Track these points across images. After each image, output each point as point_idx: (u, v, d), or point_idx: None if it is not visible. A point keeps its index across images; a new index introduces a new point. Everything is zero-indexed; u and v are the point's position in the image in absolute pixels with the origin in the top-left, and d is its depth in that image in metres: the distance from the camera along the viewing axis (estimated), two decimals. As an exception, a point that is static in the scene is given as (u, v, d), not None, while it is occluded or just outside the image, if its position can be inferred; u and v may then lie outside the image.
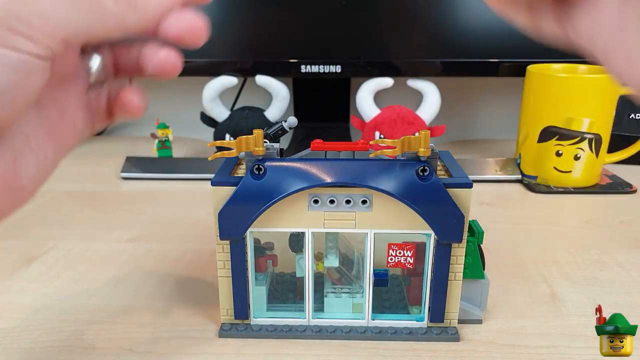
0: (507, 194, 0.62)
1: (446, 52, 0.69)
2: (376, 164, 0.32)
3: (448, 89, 0.74)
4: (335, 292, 0.37)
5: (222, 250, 0.34)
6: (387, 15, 0.67)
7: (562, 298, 0.40)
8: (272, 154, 0.33)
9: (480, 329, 0.36)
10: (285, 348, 0.34)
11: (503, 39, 0.67)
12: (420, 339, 0.35)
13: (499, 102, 0.87)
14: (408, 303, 0.37)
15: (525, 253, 0.47)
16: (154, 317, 0.38)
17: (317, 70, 0.69)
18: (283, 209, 0.33)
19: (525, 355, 0.34)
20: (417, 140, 0.31)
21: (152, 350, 0.34)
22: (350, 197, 0.33)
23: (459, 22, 0.67)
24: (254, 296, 0.36)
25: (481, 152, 0.77)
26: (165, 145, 0.71)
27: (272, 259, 0.38)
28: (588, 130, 0.59)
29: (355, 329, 0.35)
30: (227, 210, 0.32)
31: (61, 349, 0.34)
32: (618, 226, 0.53)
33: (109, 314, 0.38)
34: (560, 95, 0.59)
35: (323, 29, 0.68)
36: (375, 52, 0.69)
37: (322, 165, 0.32)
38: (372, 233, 0.33)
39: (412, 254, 0.34)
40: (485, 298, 0.37)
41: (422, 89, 0.69)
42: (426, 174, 0.32)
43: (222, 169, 0.34)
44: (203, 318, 0.38)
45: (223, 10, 0.68)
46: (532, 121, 0.62)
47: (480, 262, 0.36)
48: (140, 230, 0.45)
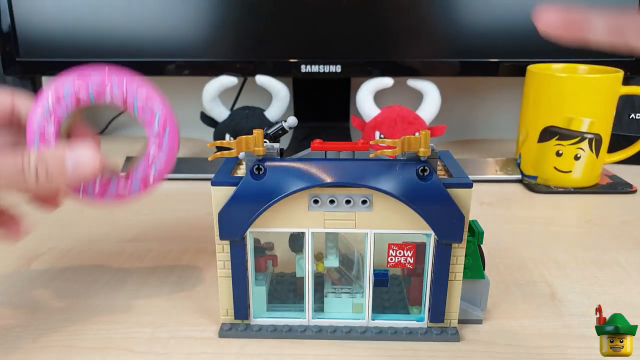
0: (507, 194, 0.62)
1: (446, 52, 0.69)
2: (376, 164, 0.32)
3: (448, 89, 0.74)
4: (335, 292, 0.37)
5: (222, 250, 0.34)
6: (387, 15, 0.67)
7: (562, 298, 0.40)
8: (272, 154, 0.33)
9: (480, 329, 0.36)
10: (285, 348, 0.34)
11: (503, 39, 0.67)
12: (420, 339, 0.35)
13: (499, 102, 0.87)
14: (408, 303, 0.37)
15: (525, 253, 0.47)
16: (154, 317, 0.38)
17: (317, 70, 0.69)
18: (283, 209, 0.33)
19: (525, 355, 0.34)
20: (417, 140, 0.31)
21: (152, 350, 0.34)
22: (350, 197, 0.33)
23: (459, 22, 0.67)
24: (254, 296, 0.36)
25: (481, 152, 0.77)
26: (165, 145, 0.71)
27: (272, 259, 0.38)
28: (588, 130, 0.59)
29: (355, 329, 0.35)
30: (227, 210, 0.32)
31: (61, 349, 0.34)
32: (618, 226, 0.53)
33: (109, 313, 0.38)
34: (560, 95, 0.59)
35: (323, 28, 0.68)
36: (375, 52, 0.69)
37: (322, 165, 0.32)
38: (372, 233, 0.33)
39: (412, 254, 0.34)
40: (485, 298, 0.37)
41: (422, 88, 0.69)
42: (426, 174, 0.32)
43: (222, 169, 0.34)
44: (203, 318, 0.38)
45: (223, 10, 0.68)
46: (532, 121, 0.62)
47: (480, 262, 0.36)
48: (140, 230, 0.45)
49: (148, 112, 0.35)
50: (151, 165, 0.35)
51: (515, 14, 0.66)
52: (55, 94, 0.34)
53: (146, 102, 0.35)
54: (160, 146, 0.35)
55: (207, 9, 0.68)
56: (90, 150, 0.33)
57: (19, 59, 0.69)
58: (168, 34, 0.68)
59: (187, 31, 0.68)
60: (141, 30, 0.68)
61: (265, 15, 0.67)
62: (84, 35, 0.68)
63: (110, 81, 0.34)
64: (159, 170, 0.36)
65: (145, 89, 0.35)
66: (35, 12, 0.67)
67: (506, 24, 0.67)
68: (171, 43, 0.69)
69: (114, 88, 0.35)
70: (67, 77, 0.34)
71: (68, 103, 0.34)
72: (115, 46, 0.68)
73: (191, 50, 0.69)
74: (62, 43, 0.68)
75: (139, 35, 0.68)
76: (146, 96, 0.35)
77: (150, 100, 0.35)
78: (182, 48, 0.69)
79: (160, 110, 0.35)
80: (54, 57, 0.69)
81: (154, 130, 0.35)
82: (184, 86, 0.84)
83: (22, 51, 0.69)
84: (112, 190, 0.36)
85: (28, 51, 0.69)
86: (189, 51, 0.69)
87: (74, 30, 0.68)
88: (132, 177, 0.36)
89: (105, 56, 0.69)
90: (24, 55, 0.69)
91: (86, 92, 0.34)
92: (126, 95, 0.35)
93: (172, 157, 0.36)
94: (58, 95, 0.34)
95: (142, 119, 0.35)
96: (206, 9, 0.68)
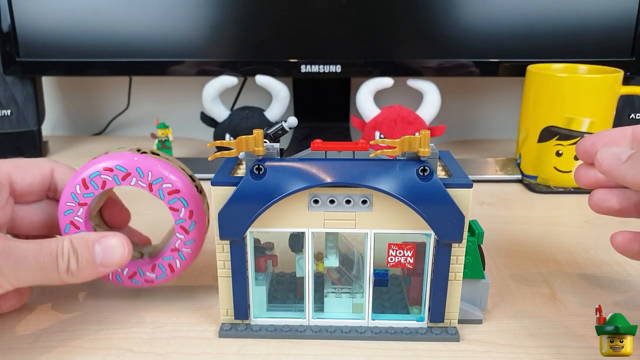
0: (507, 194, 0.62)
1: (446, 52, 0.69)
2: (376, 164, 0.32)
3: (448, 89, 0.75)
4: (335, 292, 0.37)
5: (222, 250, 0.34)
6: (387, 15, 0.67)
7: (562, 298, 0.40)
8: (272, 154, 0.33)
9: (480, 329, 0.36)
10: (285, 348, 0.34)
11: (503, 39, 0.67)
12: (420, 339, 0.35)
13: (499, 102, 0.87)
14: (408, 303, 0.37)
15: (525, 253, 0.47)
16: (154, 317, 0.38)
17: (317, 70, 0.69)
18: (283, 209, 0.33)
19: (525, 355, 0.34)
20: (417, 140, 0.31)
21: (152, 350, 0.34)
22: (350, 197, 0.33)
23: (459, 22, 0.67)
24: (254, 296, 0.36)
25: (481, 152, 0.77)
26: (165, 145, 0.71)
27: (272, 259, 0.38)
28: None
29: (355, 329, 0.35)
30: (227, 210, 0.32)
31: (61, 349, 0.34)
32: (618, 226, 0.53)
33: (109, 313, 0.38)
34: (560, 95, 0.59)
35: (323, 28, 0.68)
36: (375, 52, 0.69)
37: (322, 165, 0.32)
38: (372, 233, 0.33)
39: (412, 254, 0.34)
40: (485, 298, 0.37)
41: (422, 88, 0.69)
42: (426, 174, 0.32)
43: (222, 169, 0.34)
44: (203, 318, 0.38)
45: (223, 10, 0.68)
46: (532, 121, 0.62)
47: (480, 262, 0.36)
48: (140, 230, 0.45)
49: (174, 201, 0.36)
50: (177, 252, 0.37)
51: (515, 14, 0.66)
52: (82, 181, 0.36)
53: (173, 191, 0.36)
54: (187, 235, 0.37)
55: (207, 9, 0.68)
56: (119, 242, 0.34)
57: (19, 59, 0.69)
58: (168, 34, 0.68)
59: (187, 31, 0.68)
60: (141, 30, 0.68)
61: (265, 15, 0.67)
62: (84, 35, 0.68)
63: (136, 168, 0.36)
64: (185, 257, 0.38)
65: (173, 175, 0.36)
66: (35, 12, 0.67)
67: (506, 24, 0.67)
68: (171, 43, 0.69)
69: (140, 175, 0.36)
70: (94, 164, 0.36)
71: (95, 188, 0.36)
72: (115, 46, 0.68)
73: (191, 50, 0.69)
74: (62, 43, 0.68)
75: (139, 35, 0.68)
76: (173, 185, 0.36)
77: (177, 188, 0.36)
78: (182, 48, 0.69)
79: (187, 199, 0.36)
80: (54, 57, 0.69)
81: (180, 218, 0.36)
82: (184, 86, 0.84)
83: (22, 51, 0.69)
84: (140, 275, 0.38)
85: (28, 51, 0.69)
86: (189, 51, 0.69)
87: (74, 30, 0.68)
88: (159, 263, 0.38)
89: (105, 56, 0.69)
90: (24, 55, 0.69)
91: (112, 179, 0.36)
92: (151, 182, 0.36)
93: (198, 246, 0.38)
94: (85, 182, 0.36)
95: (168, 206, 0.36)
96: (206, 9, 0.68)
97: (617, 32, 0.67)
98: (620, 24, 0.66)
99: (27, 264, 0.31)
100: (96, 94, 0.89)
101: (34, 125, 0.74)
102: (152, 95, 0.87)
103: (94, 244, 0.34)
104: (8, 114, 0.72)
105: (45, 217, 0.39)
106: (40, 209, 0.39)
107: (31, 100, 0.73)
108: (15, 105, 0.72)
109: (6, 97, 0.72)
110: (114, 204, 0.42)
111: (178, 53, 0.69)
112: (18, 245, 0.31)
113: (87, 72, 0.71)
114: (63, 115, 0.90)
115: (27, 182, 0.37)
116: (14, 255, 0.31)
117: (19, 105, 0.72)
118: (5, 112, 0.72)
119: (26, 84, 0.72)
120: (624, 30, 0.66)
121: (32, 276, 0.32)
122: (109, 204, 0.41)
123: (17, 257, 0.31)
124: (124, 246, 0.34)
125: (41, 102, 0.75)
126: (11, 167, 0.37)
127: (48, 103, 0.83)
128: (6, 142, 0.73)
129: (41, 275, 0.32)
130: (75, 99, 0.89)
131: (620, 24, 0.66)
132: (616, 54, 0.67)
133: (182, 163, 0.39)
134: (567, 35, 0.67)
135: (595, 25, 0.66)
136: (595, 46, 0.67)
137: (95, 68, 0.70)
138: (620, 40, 0.67)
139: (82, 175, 0.36)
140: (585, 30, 0.67)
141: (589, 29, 0.66)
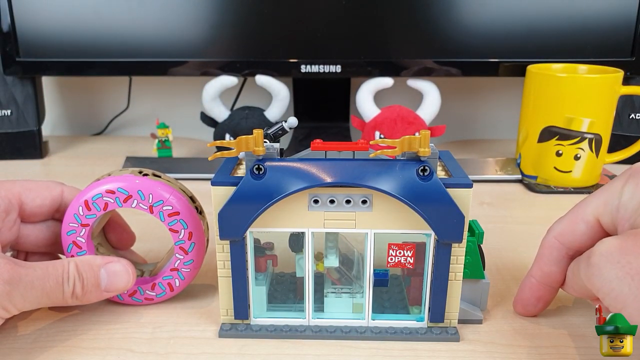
0: (507, 194, 0.62)
1: (446, 52, 0.69)
2: (376, 164, 0.32)
3: (448, 89, 0.75)
4: (335, 292, 0.37)
5: (222, 250, 0.34)
6: (387, 15, 0.67)
7: (562, 298, 0.40)
8: (272, 154, 0.33)
9: (480, 329, 0.36)
10: (285, 348, 0.34)
11: (503, 39, 0.67)
12: (420, 339, 0.35)
13: (499, 102, 0.87)
14: (408, 303, 0.37)
15: (525, 253, 0.47)
16: (154, 317, 0.38)
17: (317, 70, 0.69)
18: (283, 209, 0.33)
19: (525, 356, 0.34)
20: (417, 140, 0.31)
21: (152, 350, 0.34)
22: (350, 197, 0.33)
23: (459, 22, 0.67)
24: (254, 296, 0.36)
25: (481, 152, 0.77)
26: (165, 145, 0.71)
27: (272, 259, 0.38)
28: (588, 130, 0.59)
29: (355, 329, 0.35)
30: (227, 210, 0.32)
31: (61, 349, 0.34)
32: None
33: (109, 313, 0.38)
34: (560, 95, 0.59)
35: (323, 28, 0.68)
36: (375, 52, 0.69)
37: (322, 165, 0.32)
38: (372, 233, 0.33)
39: (412, 254, 0.34)
40: (485, 298, 0.37)
41: (422, 88, 0.69)
42: (426, 174, 0.32)
43: (222, 169, 0.34)
44: (203, 318, 0.38)
45: (223, 10, 0.68)
46: (532, 121, 0.62)
47: (480, 262, 0.36)
48: (140, 229, 0.45)
49: (174, 223, 0.37)
50: (177, 272, 0.38)
51: (515, 14, 0.66)
52: (85, 203, 0.36)
53: (173, 213, 0.36)
54: (186, 256, 0.37)
55: (207, 9, 0.68)
56: (123, 269, 0.35)
57: (19, 59, 0.69)
58: (168, 34, 0.68)
59: (187, 31, 0.68)
60: (141, 30, 0.68)
61: (265, 15, 0.67)
62: (84, 35, 0.68)
63: (137, 191, 0.36)
64: (184, 277, 0.38)
65: (173, 197, 0.37)
66: (35, 12, 0.67)
67: (506, 24, 0.67)
68: (171, 43, 0.69)
69: (142, 197, 0.36)
70: (97, 186, 0.36)
71: (97, 210, 0.37)
72: (115, 46, 0.68)
73: (191, 50, 0.69)
74: (62, 43, 0.68)
75: (139, 35, 0.68)
76: (173, 207, 0.36)
77: (177, 210, 0.36)
78: (182, 48, 0.69)
79: (187, 221, 0.37)
80: (53, 57, 0.69)
81: (180, 239, 0.37)
82: (184, 86, 0.84)
83: (22, 51, 0.69)
84: (140, 294, 0.38)
85: (28, 51, 0.69)
86: (189, 51, 0.69)
87: (74, 30, 0.68)
88: (159, 282, 0.38)
89: (105, 56, 0.69)
90: (24, 55, 0.69)
91: (114, 201, 0.36)
92: (152, 204, 0.36)
93: (197, 266, 0.38)
94: (88, 204, 0.36)
95: (168, 227, 0.37)
96: (206, 9, 0.68)
97: (617, 32, 0.67)
98: (620, 24, 0.66)
99: (35, 290, 0.32)
100: (96, 94, 0.89)
101: (34, 125, 0.74)
102: (152, 95, 0.87)
103: (99, 269, 0.35)
104: (8, 114, 0.72)
105: (50, 236, 0.39)
106: (45, 227, 0.39)
107: (31, 100, 0.73)
108: (15, 105, 0.72)
109: (6, 97, 0.72)
110: (120, 226, 0.42)
111: (178, 53, 0.69)
112: (27, 273, 0.32)
113: (87, 72, 0.71)
114: (63, 115, 0.90)
115: (37, 203, 0.38)
116: (22, 283, 0.31)
117: (19, 105, 0.72)
118: (5, 112, 0.72)
119: (26, 84, 0.72)
120: (624, 30, 0.66)
121: (39, 300, 0.33)
122: (115, 226, 0.42)
123: (25, 285, 0.31)
124: (128, 273, 0.36)
125: (41, 102, 0.75)
126: (22, 188, 0.38)
127: (48, 103, 0.83)
128: (6, 142, 0.73)
129: (47, 300, 0.33)
130: (75, 99, 0.89)
131: (620, 24, 0.66)
132: (616, 54, 0.67)
133: (182, 184, 0.39)
134: (567, 35, 0.67)
135: (595, 25, 0.66)
136: (595, 46, 0.67)
137: (95, 68, 0.70)
138: (620, 40, 0.67)
139: (84, 197, 0.36)
140: (585, 30, 0.67)
141: (589, 29, 0.66)
